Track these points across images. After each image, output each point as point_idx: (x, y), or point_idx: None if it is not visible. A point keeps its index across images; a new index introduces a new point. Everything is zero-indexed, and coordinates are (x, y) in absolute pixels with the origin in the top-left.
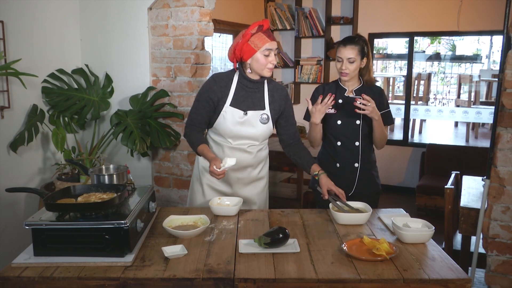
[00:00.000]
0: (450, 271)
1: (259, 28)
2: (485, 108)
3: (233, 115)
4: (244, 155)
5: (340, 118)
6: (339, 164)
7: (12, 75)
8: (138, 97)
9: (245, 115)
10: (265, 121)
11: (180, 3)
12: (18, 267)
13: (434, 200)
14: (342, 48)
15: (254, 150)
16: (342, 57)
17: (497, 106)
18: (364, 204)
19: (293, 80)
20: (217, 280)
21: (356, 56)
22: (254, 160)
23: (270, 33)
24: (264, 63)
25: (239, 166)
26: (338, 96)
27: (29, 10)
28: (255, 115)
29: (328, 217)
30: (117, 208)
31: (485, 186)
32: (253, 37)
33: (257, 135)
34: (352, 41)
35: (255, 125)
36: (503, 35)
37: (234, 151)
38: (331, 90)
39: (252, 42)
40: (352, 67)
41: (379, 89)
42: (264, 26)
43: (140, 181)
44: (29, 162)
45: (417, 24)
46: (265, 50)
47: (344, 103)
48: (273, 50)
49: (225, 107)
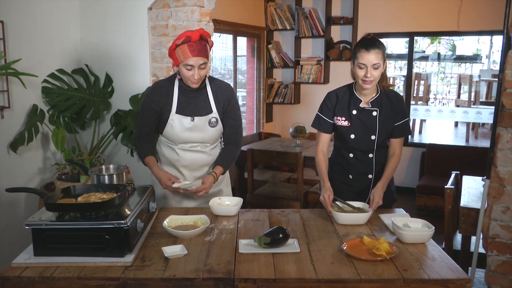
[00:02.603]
0: (450, 271)
1: (185, 40)
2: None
3: (181, 122)
4: (198, 155)
5: (354, 132)
6: (351, 175)
7: (12, 75)
8: (138, 97)
9: (192, 121)
10: (214, 125)
11: (180, 3)
12: (18, 267)
13: (434, 200)
14: (364, 53)
15: (207, 149)
16: (365, 63)
17: (497, 106)
18: (364, 204)
19: (293, 80)
20: (217, 280)
21: (380, 61)
22: (209, 159)
23: (200, 46)
24: (186, 77)
25: (196, 166)
26: (352, 106)
27: (29, 10)
28: (203, 120)
29: (328, 217)
30: (117, 208)
31: (485, 186)
32: (178, 48)
33: (207, 138)
34: (374, 45)
35: (204, 129)
36: (503, 35)
37: (186, 152)
38: (345, 98)
39: (177, 52)
40: (377, 73)
41: (397, 97)
42: (193, 37)
43: (140, 181)
44: (29, 162)
45: (417, 24)
46: (186, 64)
47: (358, 115)
48: (196, 66)
49: (171, 115)
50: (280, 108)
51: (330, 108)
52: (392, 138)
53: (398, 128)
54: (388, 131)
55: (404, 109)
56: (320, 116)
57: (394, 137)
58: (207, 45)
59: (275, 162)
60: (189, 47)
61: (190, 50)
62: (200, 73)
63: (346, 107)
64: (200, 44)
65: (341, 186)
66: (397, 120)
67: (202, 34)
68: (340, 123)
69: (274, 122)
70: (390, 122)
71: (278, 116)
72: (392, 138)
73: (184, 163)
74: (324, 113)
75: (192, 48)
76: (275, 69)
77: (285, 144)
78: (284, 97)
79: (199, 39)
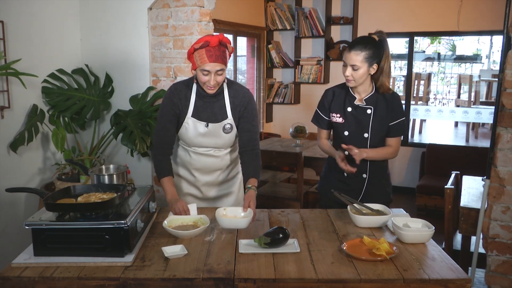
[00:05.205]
0: (450, 271)
1: (203, 44)
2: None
3: (195, 127)
4: (211, 159)
5: (348, 129)
6: (346, 174)
7: (12, 75)
8: (138, 97)
9: (206, 127)
10: (228, 131)
11: (180, 3)
12: (18, 267)
13: (434, 200)
14: (346, 52)
15: (220, 154)
16: (346, 62)
17: (497, 106)
18: (383, 206)
19: (293, 80)
20: (217, 280)
21: (361, 63)
22: (222, 163)
23: (218, 52)
24: (202, 81)
25: (208, 170)
26: (347, 103)
27: (29, 10)
28: (218, 126)
29: (328, 217)
30: (117, 208)
31: (485, 186)
32: (196, 52)
33: (221, 143)
34: (358, 46)
35: (218, 135)
36: (503, 35)
37: (200, 156)
38: (341, 95)
39: (195, 56)
40: (357, 74)
41: (393, 96)
42: (211, 43)
43: (140, 181)
44: (29, 162)
45: (417, 24)
46: (203, 70)
47: (352, 112)
48: (212, 72)
49: (187, 118)
50: (280, 108)
51: (326, 105)
52: (388, 138)
53: (393, 127)
54: (382, 130)
55: (400, 108)
56: (318, 113)
57: (389, 136)
58: (226, 52)
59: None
60: (207, 52)
61: (208, 56)
62: (217, 79)
63: (341, 104)
64: (219, 50)
65: (337, 184)
66: (393, 119)
67: (221, 40)
68: (335, 119)
69: (274, 122)
70: (385, 122)
71: (278, 116)
72: (388, 138)
73: (196, 166)
74: (321, 110)
75: (210, 53)
76: (275, 69)
77: (285, 144)
78: (284, 97)
79: (218, 44)
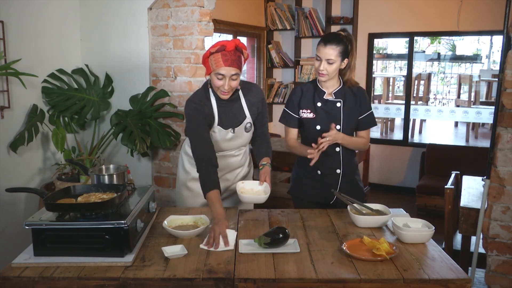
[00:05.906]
0: (450, 271)
1: (219, 48)
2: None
3: (221, 134)
4: (232, 159)
5: (320, 123)
6: (320, 171)
7: (12, 75)
8: (138, 97)
9: (233, 133)
10: (249, 129)
11: (180, 3)
12: (18, 267)
13: (434, 200)
14: (321, 47)
15: (241, 152)
16: (321, 56)
17: (497, 106)
18: (383, 206)
19: (293, 80)
20: (217, 280)
21: (336, 58)
22: (242, 160)
23: (234, 57)
24: (216, 86)
25: (229, 169)
26: (317, 99)
27: (29, 10)
28: (241, 128)
29: (328, 217)
30: (117, 208)
31: (485, 186)
32: (211, 56)
33: (244, 142)
34: (333, 41)
35: (241, 136)
36: (503, 35)
37: (222, 158)
38: (309, 91)
39: (210, 60)
40: (331, 68)
41: (361, 90)
42: (228, 47)
43: (140, 181)
44: (29, 162)
45: (417, 24)
46: (218, 74)
47: (323, 107)
48: (227, 76)
49: (214, 127)
50: (280, 108)
51: (295, 102)
52: (359, 131)
53: (363, 120)
54: (352, 123)
55: (367, 102)
56: (287, 111)
57: (360, 129)
58: (242, 57)
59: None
60: (223, 56)
61: (223, 60)
62: (231, 84)
63: (310, 99)
64: (235, 54)
65: (310, 183)
66: (362, 113)
67: (237, 45)
68: (305, 115)
69: (274, 122)
70: (354, 114)
71: (278, 116)
72: (359, 131)
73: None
74: (290, 108)
75: (226, 57)
76: (275, 69)
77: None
78: (284, 97)
79: (234, 49)
